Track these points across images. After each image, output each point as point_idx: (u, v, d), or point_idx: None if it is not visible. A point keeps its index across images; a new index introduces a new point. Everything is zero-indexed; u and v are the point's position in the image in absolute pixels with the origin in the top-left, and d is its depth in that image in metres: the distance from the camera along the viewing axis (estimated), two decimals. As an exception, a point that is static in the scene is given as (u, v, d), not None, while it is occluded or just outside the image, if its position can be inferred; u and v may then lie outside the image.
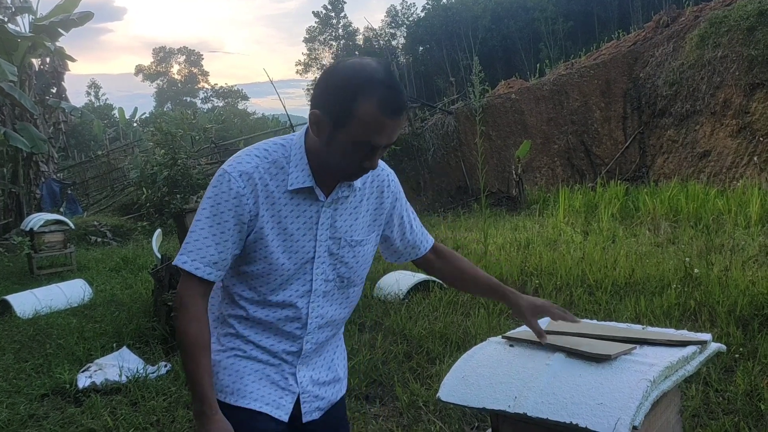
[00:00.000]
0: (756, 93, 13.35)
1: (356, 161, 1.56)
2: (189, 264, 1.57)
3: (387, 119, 1.49)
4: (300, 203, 1.63)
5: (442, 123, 16.13)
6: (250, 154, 1.61)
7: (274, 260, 1.62)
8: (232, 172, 1.57)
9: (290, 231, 1.63)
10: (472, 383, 1.82)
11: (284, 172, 1.61)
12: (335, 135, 1.52)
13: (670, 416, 1.90)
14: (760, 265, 6.24)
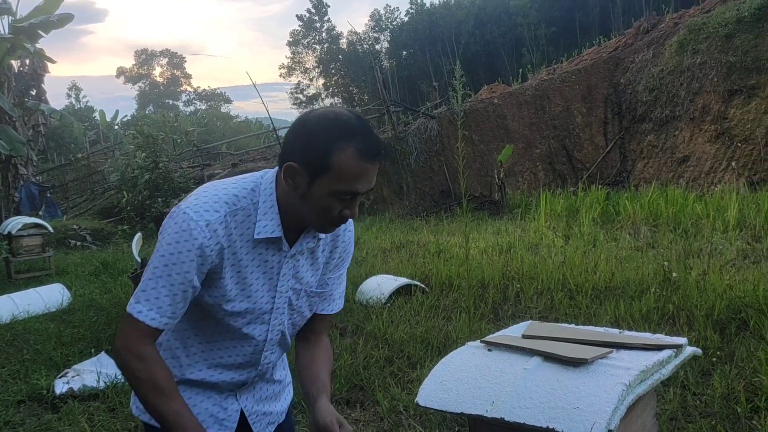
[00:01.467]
0: (734, 99, 13.55)
1: (335, 211, 1.50)
2: (144, 314, 1.46)
3: (367, 164, 1.46)
4: (263, 253, 1.56)
5: (425, 127, 16.18)
6: (218, 201, 1.51)
7: (227, 308, 1.56)
8: (198, 221, 1.46)
9: (249, 281, 1.57)
10: (450, 388, 1.82)
11: (250, 220, 1.53)
12: (314, 186, 1.46)
13: (646, 420, 1.92)
14: (737, 269, 6.31)
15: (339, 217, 1.52)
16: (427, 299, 6.17)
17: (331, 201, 1.48)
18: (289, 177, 1.49)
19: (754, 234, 8.14)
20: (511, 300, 6.00)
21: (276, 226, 1.54)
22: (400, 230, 11.68)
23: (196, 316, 1.60)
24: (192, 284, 1.49)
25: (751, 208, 9.37)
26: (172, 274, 1.47)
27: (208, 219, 1.47)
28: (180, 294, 1.48)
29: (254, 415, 1.74)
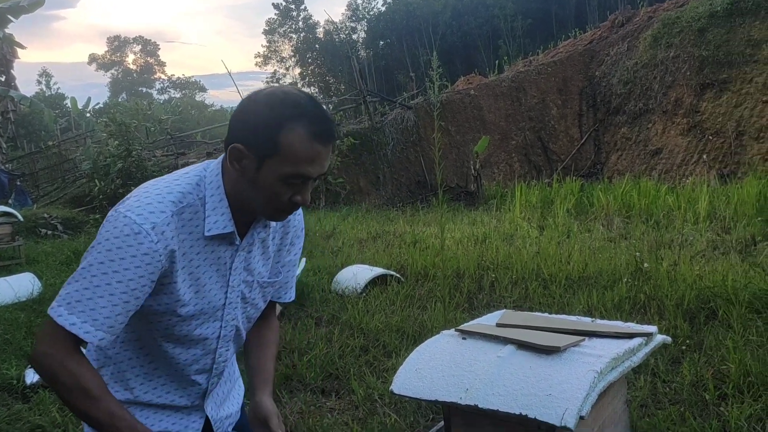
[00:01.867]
0: (706, 93, 13.75)
1: (286, 197, 1.41)
2: (78, 326, 1.31)
3: (318, 146, 1.37)
4: (214, 249, 1.47)
5: (402, 118, 16.17)
6: (163, 200, 1.39)
7: (181, 313, 1.47)
8: (143, 225, 1.34)
9: (203, 281, 1.47)
10: (424, 376, 1.83)
11: (199, 216, 1.42)
12: (262, 170, 1.37)
13: (617, 406, 1.95)
14: (707, 260, 6.43)
15: (290, 204, 1.43)
16: (402, 289, 6.18)
17: (281, 186, 1.39)
18: (234, 160, 1.39)
19: (724, 226, 8.29)
20: (485, 289, 6.04)
21: (227, 220, 1.44)
22: (377, 220, 11.68)
23: (137, 333, 1.51)
24: (136, 296, 1.36)
25: (721, 200, 9.54)
26: (113, 283, 1.33)
27: (153, 221, 1.35)
28: (121, 306, 1.34)
29: (218, 422, 1.69)
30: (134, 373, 1.54)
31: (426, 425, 3.48)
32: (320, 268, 7.27)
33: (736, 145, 13.02)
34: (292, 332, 5.12)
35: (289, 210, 1.46)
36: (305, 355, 4.57)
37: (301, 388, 4.15)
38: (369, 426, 3.51)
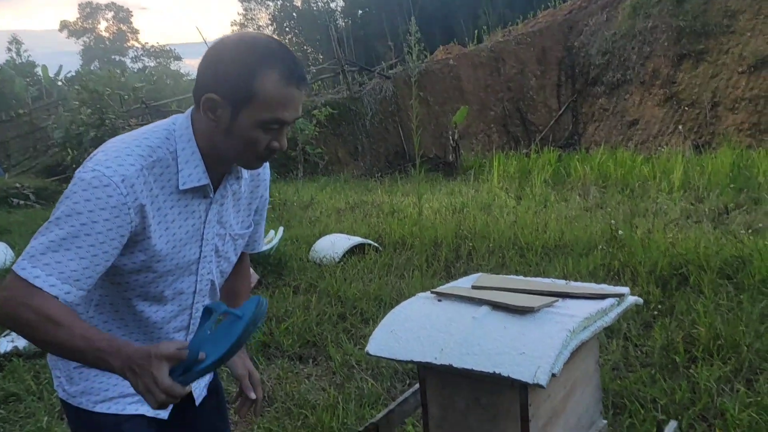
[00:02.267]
0: (683, 63, 13.82)
1: (263, 144, 1.39)
2: (43, 280, 1.25)
3: (293, 90, 1.36)
4: (188, 203, 1.45)
5: (381, 88, 16.05)
6: (131, 154, 1.35)
7: (158, 269, 1.44)
8: (112, 177, 1.30)
9: (178, 235, 1.45)
10: (400, 337, 1.84)
11: (171, 170, 1.40)
12: (237, 118, 1.35)
13: (589, 365, 1.99)
14: (680, 228, 6.53)
15: (267, 151, 1.41)
16: (380, 258, 6.20)
17: (258, 133, 1.37)
18: (209, 111, 1.37)
19: (698, 195, 8.40)
20: (463, 258, 6.08)
21: (201, 173, 1.43)
22: (355, 191, 11.65)
23: (111, 296, 1.48)
24: (104, 251, 1.31)
25: (695, 170, 9.66)
26: (80, 236, 1.28)
27: (123, 174, 1.32)
28: (89, 260, 1.29)
29: (196, 384, 1.68)
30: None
31: (402, 390, 3.52)
32: (298, 237, 7.26)
33: (711, 115, 13.15)
34: (269, 300, 5.12)
35: (266, 157, 1.44)
36: (283, 322, 4.58)
37: (278, 355, 4.17)
38: (346, 391, 3.54)
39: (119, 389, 1.53)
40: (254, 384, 1.72)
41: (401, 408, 2.16)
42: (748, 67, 12.78)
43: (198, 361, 1.23)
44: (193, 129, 1.43)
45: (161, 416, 1.59)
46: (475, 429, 1.76)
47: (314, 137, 14.26)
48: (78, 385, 1.52)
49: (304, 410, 3.32)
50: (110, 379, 1.52)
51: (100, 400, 1.52)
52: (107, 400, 1.52)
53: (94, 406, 1.51)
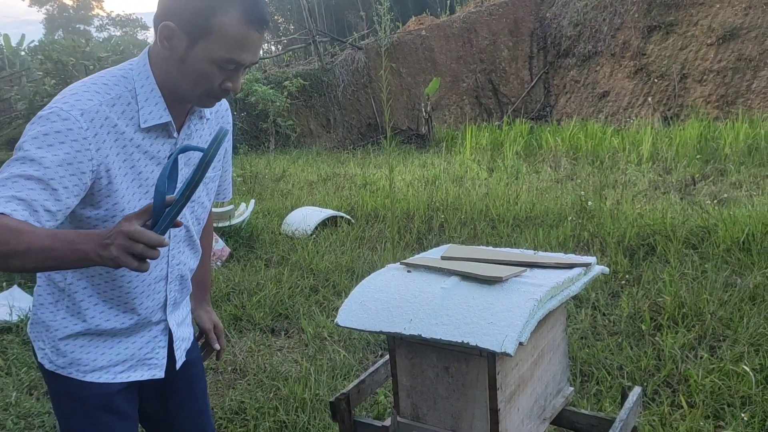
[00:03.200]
0: (653, 35, 13.90)
1: (217, 82, 1.37)
2: (3, 206, 1.16)
3: (252, 32, 1.34)
4: (153, 143, 1.42)
5: (353, 59, 15.89)
6: (88, 90, 1.33)
7: (127, 210, 1.41)
8: (71, 111, 1.28)
9: (145, 175, 1.42)
10: (369, 308, 1.84)
11: (132, 109, 1.38)
12: (192, 51, 1.33)
13: (557, 334, 2.01)
14: (648, 198, 6.63)
15: (220, 90, 1.39)
16: (352, 230, 6.20)
17: (212, 69, 1.35)
18: (165, 39, 1.34)
19: (665, 167, 8.52)
20: (435, 230, 6.11)
21: (162, 110, 1.41)
22: (327, 163, 11.60)
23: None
24: (65, 185, 1.25)
25: (663, 142, 9.78)
26: (40, 168, 1.22)
27: (81, 108, 1.30)
28: (49, 192, 1.22)
29: (178, 341, 1.68)
30: (91, 302, 1.50)
31: (375, 360, 3.54)
32: (270, 210, 7.22)
33: (680, 87, 13.28)
34: (241, 273, 5.10)
35: (218, 96, 1.42)
36: (254, 295, 4.57)
37: (250, 328, 4.16)
38: (319, 362, 3.56)
39: (108, 357, 1.53)
40: (218, 335, 1.88)
41: (372, 378, 2.18)
42: (717, 39, 12.91)
43: (168, 204, 1.16)
44: (151, 66, 1.41)
45: (157, 376, 1.60)
46: (444, 398, 1.78)
47: (286, 109, 14.11)
48: (65, 356, 1.51)
49: (276, 382, 3.33)
50: (97, 349, 1.52)
51: (89, 370, 1.52)
52: (97, 370, 1.53)
53: (84, 375, 1.51)
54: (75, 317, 1.50)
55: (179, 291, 1.66)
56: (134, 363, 1.58)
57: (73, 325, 1.50)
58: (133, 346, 1.57)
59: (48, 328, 1.50)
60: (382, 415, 2.99)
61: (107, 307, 1.51)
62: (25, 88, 14.14)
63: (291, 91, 14.18)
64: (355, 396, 2.08)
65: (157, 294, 1.58)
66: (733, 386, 2.98)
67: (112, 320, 1.53)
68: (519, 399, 1.79)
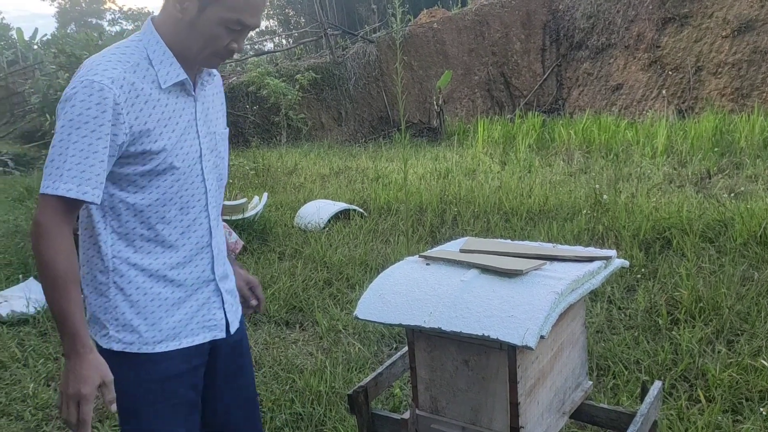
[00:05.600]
0: (667, 27, 13.77)
1: (224, 42, 1.50)
2: (75, 191, 1.40)
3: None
4: (176, 101, 1.55)
5: (364, 52, 15.85)
6: (110, 60, 1.46)
7: (169, 166, 1.53)
8: (101, 81, 1.41)
9: (177, 131, 1.55)
10: (389, 301, 1.84)
11: (150, 73, 1.50)
12: (203, 14, 1.46)
13: (576, 328, 2.00)
14: (663, 192, 6.57)
15: (226, 50, 1.52)
16: (365, 223, 6.20)
17: (220, 30, 1.48)
18: (178, 2, 1.47)
19: (680, 159, 8.45)
20: (448, 223, 6.09)
21: (178, 68, 1.53)
22: (339, 156, 11.59)
23: (135, 227, 1.55)
24: (111, 148, 1.43)
25: (678, 135, 9.70)
26: (93, 141, 1.40)
27: (110, 76, 1.42)
28: (105, 161, 1.43)
29: (228, 304, 1.73)
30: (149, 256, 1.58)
31: (389, 353, 3.54)
32: (282, 203, 7.23)
33: (695, 80, 13.15)
34: (255, 266, 5.11)
35: (224, 56, 1.55)
36: (269, 288, 4.57)
37: (264, 321, 4.17)
38: (334, 355, 3.56)
39: (170, 324, 1.61)
40: (254, 288, 1.92)
41: (389, 371, 2.18)
42: (732, 31, 12.76)
43: None
44: (159, 33, 1.52)
45: (218, 336, 1.69)
46: (463, 391, 1.77)
47: (297, 102, 14.10)
48: (131, 331, 1.57)
49: (291, 374, 3.34)
50: (160, 319, 1.59)
51: (156, 340, 1.59)
52: (164, 340, 1.60)
53: (153, 347, 1.59)
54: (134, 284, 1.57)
55: (222, 245, 1.72)
56: (195, 326, 1.64)
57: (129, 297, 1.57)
58: (191, 310, 1.64)
59: (107, 308, 1.57)
60: (397, 407, 2.99)
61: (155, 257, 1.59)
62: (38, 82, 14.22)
63: (302, 84, 14.16)
64: (372, 389, 2.08)
65: (203, 251, 1.65)
66: (751, 381, 2.96)
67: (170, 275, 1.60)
68: (539, 392, 1.78)
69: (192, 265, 1.62)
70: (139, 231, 1.55)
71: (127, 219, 1.54)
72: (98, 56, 1.48)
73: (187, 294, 1.63)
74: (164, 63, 1.51)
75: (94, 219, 1.54)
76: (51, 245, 1.41)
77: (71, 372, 1.43)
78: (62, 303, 1.41)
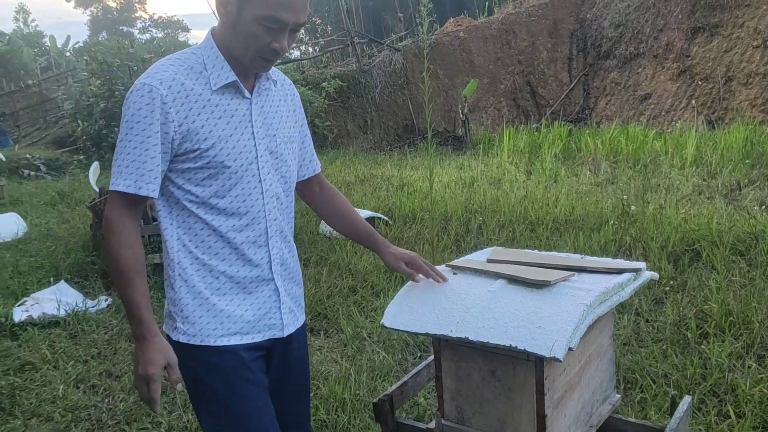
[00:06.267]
0: (697, 37, 13.61)
1: (264, 41, 1.54)
2: (133, 186, 1.52)
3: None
4: (229, 102, 1.62)
5: (390, 60, 15.91)
6: (164, 64, 1.58)
7: (219, 165, 1.59)
8: (152, 83, 1.52)
9: (228, 131, 1.61)
10: (416, 310, 1.84)
11: (203, 75, 1.59)
12: (242, 13, 1.52)
13: (604, 340, 1.98)
14: (692, 203, 6.48)
15: (269, 50, 1.56)
16: (390, 231, 6.21)
17: (258, 29, 1.52)
18: (221, 6, 1.55)
19: (710, 171, 8.33)
20: (473, 232, 6.07)
21: (228, 71, 1.60)
22: (364, 164, 11.63)
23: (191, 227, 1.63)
24: (165, 144, 1.53)
25: (708, 146, 9.57)
26: (145, 139, 1.51)
27: (160, 78, 1.53)
28: (158, 156, 1.53)
29: (285, 305, 1.75)
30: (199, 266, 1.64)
31: (414, 362, 3.54)
32: (308, 210, 7.26)
33: (725, 90, 12.97)
34: (280, 273, 5.14)
35: (268, 56, 1.58)
36: (294, 294, 4.59)
37: (290, 327, 4.18)
38: (358, 363, 3.57)
39: (232, 319, 1.66)
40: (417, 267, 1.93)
41: (415, 380, 2.18)
42: (763, 41, 12.56)
43: None
44: (215, 41, 1.62)
45: (277, 336, 1.73)
46: (490, 401, 1.76)
47: (323, 110, 14.19)
48: (193, 323, 1.64)
49: (316, 381, 3.35)
50: (222, 312, 1.65)
51: (219, 334, 1.65)
52: (227, 334, 1.65)
53: (216, 340, 1.64)
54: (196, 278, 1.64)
55: (283, 248, 1.76)
56: (256, 323, 1.69)
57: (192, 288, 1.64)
58: (251, 308, 1.68)
59: (174, 301, 1.65)
60: (422, 417, 2.98)
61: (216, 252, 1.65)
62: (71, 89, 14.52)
63: (329, 91, 14.25)
64: (398, 397, 2.08)
65: (261, 249, 1.69)
66: (783, 397, 2.90)
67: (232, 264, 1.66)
68: (566, 405, 1.77)
69: (250, 264, 1.68)
70: (199, 226, 1.63)
71: (189, 214, 1.62)
72: (159, 61, 1.60)
73: (245, 291, 1.68)
74: (216, 67, 1.59)
75: (161, 214, 1.64)
76: (116, 239, 1.54)
77: (140, 355, 1.54)
78: (128, 292, 1.54)
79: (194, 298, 1.64)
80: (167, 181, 1.61)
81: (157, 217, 1.66)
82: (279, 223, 1.73)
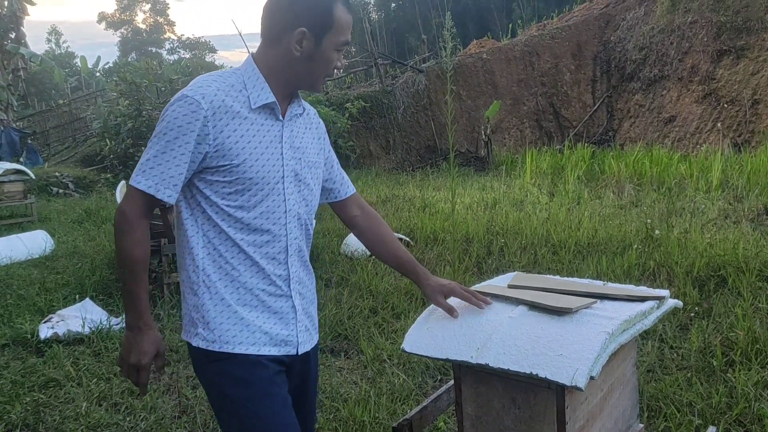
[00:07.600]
0: (722, 59, 13.52)
1: (333, 65, 1.70)
2: (153, 188, 1.60)
3: (350, 15, 1.70)
4: (263, 123, 1.69)
5: (413, 81, 16.01)
6: (207, 80, 1.66)
7: (248, 181, 1.65)
8: (194, 95, 1.60)
9: (260, 150, 1.67)
10: (436, 335, 1.84)
11: (243, 94, 1.67)
12: (321, 45, 1.65)
13: (627, 368, 1.96)
14: (718, 228, 6.40)
15: (333, 70, 1.72)
16: (412, 252, 6.19)
17: (333, 54, 1.69)
18: (297, 43, 1.65)
19: (736, 195, 8.22)
20: (495, 254, 6.05)
21: (268, 92, 1.69)
22: (386, 184, 11.66)
23: (215, 239, 1.68)
24: (194, 154, 1.60)
25: (734, 169, 9.45)
26: (176, 146, 1.59)
27: (203, 92, 1.61)
28: (183, 165, 1.60)
29: (300, 323, 1.77)
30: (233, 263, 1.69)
31: (434, 386, 3.52)
32: (330, 230, 7.30)
33: (752, 113, 12.83)
34: (301, 293, 5.15)
35: (331, 75, 1.75)
36: (315, 315, 4.60)
37: (310, 348, 4.19)
38: (378, 385, 3.56)
39: (251, 329, 1.69)
40: (459, 294, 1.92)
41: (434, 404, 2.17)
42: (792, 63, 12.44)
43: None
44: (257, 65, 1.71)
45: (290, 353, 1.75)
46: (510, 429, 1.75)
47: (346, 130, 14.29)
48: (213, 330, 1.68)
49: (336, 403, 3.34)
50: (241, 321, 1.69)
51: (237, 342, 1.68)
52: (244, 342, 1.69)
53: (233, 347, 1.68)
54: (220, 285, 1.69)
55: (300, 268, 1.80)
56: (273, 337, 1.72)
57: (214, 295, 1.69)
58: (269, 321, 1.71)
59: (197, 307, 1.70)
60: (441, 441, 2.96)
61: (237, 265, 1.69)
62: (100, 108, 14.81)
63: (352, 112, 14.37)
64: (417, 422, 2.07)
65: (280, 266, 1.74)
66: (812, 429, 2.83)
67: (251, 277, 1.70)
68: (588, 434, 1.75)
69: (269, 279, 1.72)
70: (223, 237, 1.68)
71: (213, 225, 1.68)
72: (202, 76, 1.69)
73: (264, 304, 1.71)
74: (256, 87, 1.68)
75: (187, 223, 1.69)
76: (131, 237, 1.62)
77: (133, 345, 1.65)
78: (133, 286, 1.64)
79: (216, 305, 1.68)
80: (195, 190, 1.67)
81: (182, 224, 1.70)
82: (299, 242, 1.78)
